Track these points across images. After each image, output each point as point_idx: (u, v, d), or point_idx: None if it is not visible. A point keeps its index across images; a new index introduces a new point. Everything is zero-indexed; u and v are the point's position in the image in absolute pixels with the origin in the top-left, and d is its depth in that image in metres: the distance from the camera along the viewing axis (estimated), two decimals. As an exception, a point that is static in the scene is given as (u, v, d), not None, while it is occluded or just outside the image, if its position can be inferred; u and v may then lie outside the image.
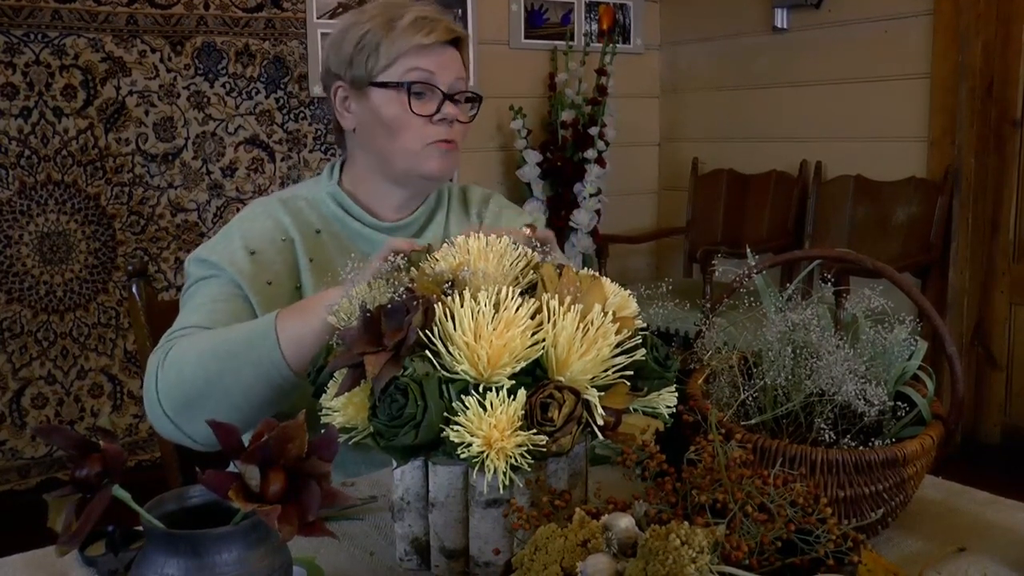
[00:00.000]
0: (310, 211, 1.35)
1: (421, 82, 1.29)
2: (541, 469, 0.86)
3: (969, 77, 3.27)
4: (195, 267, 1.28)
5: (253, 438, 0.69)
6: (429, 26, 1.29)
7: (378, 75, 1.30)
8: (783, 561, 0.74)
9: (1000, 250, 3.36)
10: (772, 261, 1.11)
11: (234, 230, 1.30)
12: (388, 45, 1.28)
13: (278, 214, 1.33)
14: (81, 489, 0.71)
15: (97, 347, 3.19)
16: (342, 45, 1.32)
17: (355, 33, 1.31)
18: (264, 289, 1.25)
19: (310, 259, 1.30)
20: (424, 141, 1.31)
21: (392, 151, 1.32)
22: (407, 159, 1.32)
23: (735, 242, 3.72)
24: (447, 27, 1.31)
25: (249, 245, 1.27)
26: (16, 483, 3.07)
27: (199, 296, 1.24)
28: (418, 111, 1.29)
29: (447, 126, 1.31)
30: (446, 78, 1.31)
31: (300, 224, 1.32)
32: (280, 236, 1.30)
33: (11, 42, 2.94)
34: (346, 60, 1.32)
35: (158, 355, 1.17)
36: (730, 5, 4.04)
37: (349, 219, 1.35)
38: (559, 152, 3.82)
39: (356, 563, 0.95)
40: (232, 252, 1.26)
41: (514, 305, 0.84)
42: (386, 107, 1.30)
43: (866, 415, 0.94)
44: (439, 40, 1.29)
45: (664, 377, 0.90)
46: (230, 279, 1.24)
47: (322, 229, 1.34)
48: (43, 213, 3.06)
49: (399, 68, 1.29)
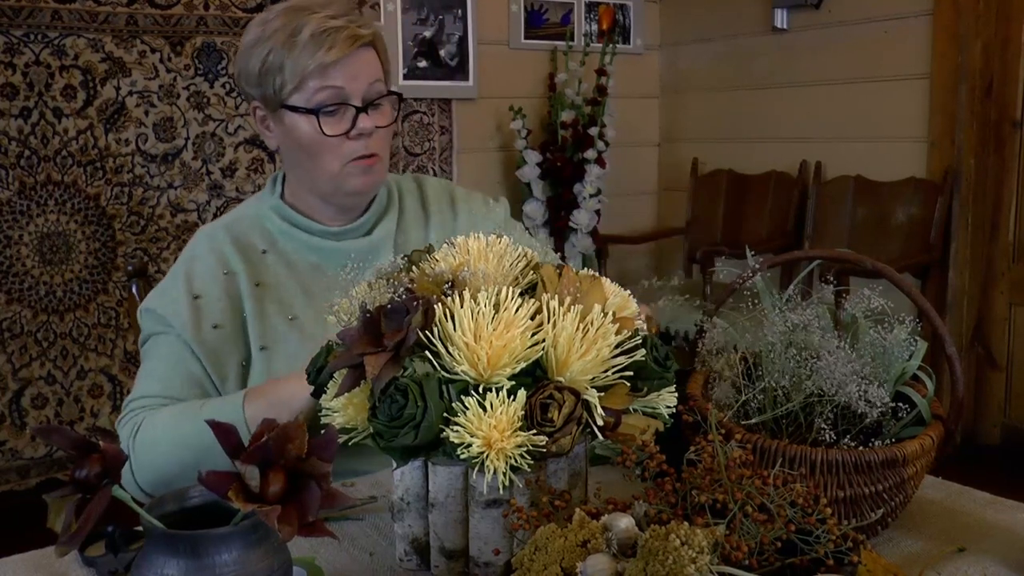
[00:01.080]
0: (254, 231, 1.33)
1: (331, 103, 1.24)
2: (541, 469, 0.86)
3: (969, 77, 3.27)
4: (146, 319, 1.28)
5: (253, 438, 0.69)
6: (330, 39, 1.21)
7: (287, 98, 1.25)
8: (783, 561, 0.74)
9: (1000, 251, 3.36)
10: (772, 262, 1.11)
11: (179, 274, 1.29)
12: (292, 65, 1.22)
13: (221, 246, 1.30)
14: (81, 489, 0.71)
15: (97, 347, 3.19)
16: (248, 64, 1.27)
17: (259, 53, 1.25)
18: (208, 336, 1.24)
19: (256, 284, 1.28)
20: (343, 161, 1.27)
21: (313, 172, 1.29)
22: (329, 180, 1.29)
23: (735, 242, 3.72)
24: (350, 35, 1.23)
25: (193, 289, 1.26)
26: (16, 483, 3.07)
27: (154, 357, 1.25)
28: (332, 132, 1.25)
29: (366, 139, 1.26)
30: (358, 88, 1.25)
31: (243, 250, 1.30)
32: (223, 270, 1.28)
33: (11, 42, 2.94)
34: (255, 81, 1.27)
35: (125, 429, 1.19)
36: (730, 5, 4.04)
37: (296, 231, 1.33)
38: (559, 152, 3.82)
39: (356, 563, 0.95)
40: (176, 302, 1.25)
41: (514, 306, 0.84)
42: (300, 130, 1.26)
43: (866, 416, 0.94)
44: (343, 53, 1.22)
45: (664, 377, 0.90)
46: (176, 336, 1.24)
47: (268, 248, 1.32)
48: (43, 213, 3.06)
49: (306, 90, 1.23)
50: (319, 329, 1.23)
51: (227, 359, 1.25)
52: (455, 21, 3.77)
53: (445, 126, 3.86)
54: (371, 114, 1.27)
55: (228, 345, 1.25)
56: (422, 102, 3.79)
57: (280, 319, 1.27)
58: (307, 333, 1.26)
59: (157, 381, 1.23)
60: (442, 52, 3.76)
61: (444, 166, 3.88)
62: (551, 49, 4.01)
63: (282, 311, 1.28)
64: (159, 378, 1.23)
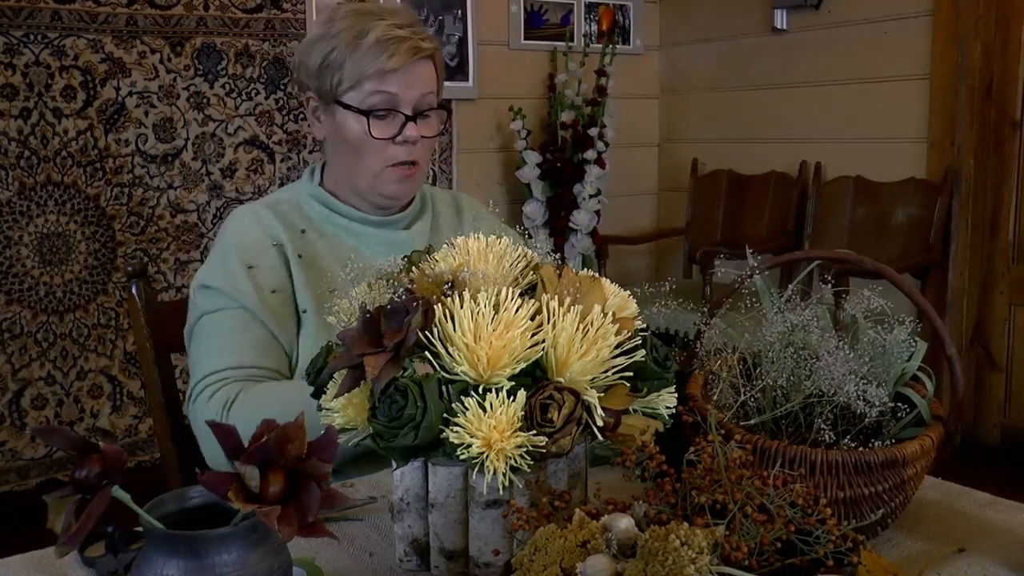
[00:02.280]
0: (293, 212, 1.37)
1: (383, 108, 1.30)
2: (541, 470, 0.86)
3: (969, 78, 3.28)
4: (201, 297, 1.30)
5: (253, 439, 0.69)
6: (393, 48, 1.27)
7: (342, 95, 1.31)
8: (783, 562, 0.74)
9: (1000, 251, 3.36)
10: (772, 262, 1.11)
11: (229, 248, 1.32)
12: (352, 66, 1.28)
13: (265, 219, 1.34)
14: (81, 490, 0.71)
15: (97, 348, 3.19)
16: (310, 57, 1.33)
17: (322, 48, 1.31)
18: (270, 300, 1.27)
19: (299, 255, 1.32)
20: (385, 163, 1.32)
21: (355, 168, 1.34)
22: (367, 178, 1.34)
23: (734, 243, 3.72)
24: (412, 47, 1.29)
25: (246, 260, 1.29)
26: (16, 484, 3.07)
27: (216, 334, 1.27)
28: (379, 135, 1.30)
29: (410, 146, 1.32)
30: (411, 97, 1.31)
31: (286, 226, 1.34)
32: (271, 241, 1.32)
33: (11, 43, 2.94)
34: (313, 73, 1.33)
35: (213, 404, 1.19)
36: (730, 6, 4.04)
37: (335, 216, 1.37)
38: (559, 153, 3.82)
39: (356, 564, 0.95)
40: (232, 275, 1.28)
41: (514, 306, 0.84)
42: (349, 127, 1.31)
43: (866, 416, 0.94)
44: (403, 63, 1.28)
45: (663, 378, 0.90)
46: (237, 308, 1.27)
47: (307, 228, 1.36)
48: (43, 214, 3.06)
49: (362, 91, 1.29)
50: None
51: (288, 321, 1.29)
52: (455, 21, 3.77)
53: (445, 126, 3.86)
54: (419, 124, 1.32)
55: (287, 308, 1.29)
56: (422, 102, 3.78)
57: (324, 289, 1.30)
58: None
59: (228, 354, 1.24)
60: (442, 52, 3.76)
61: (444, 167, 3.88)
62: (551, 50, 4.01)
63: (323, 284, 1.30)
64: (229, 351, 1.25)
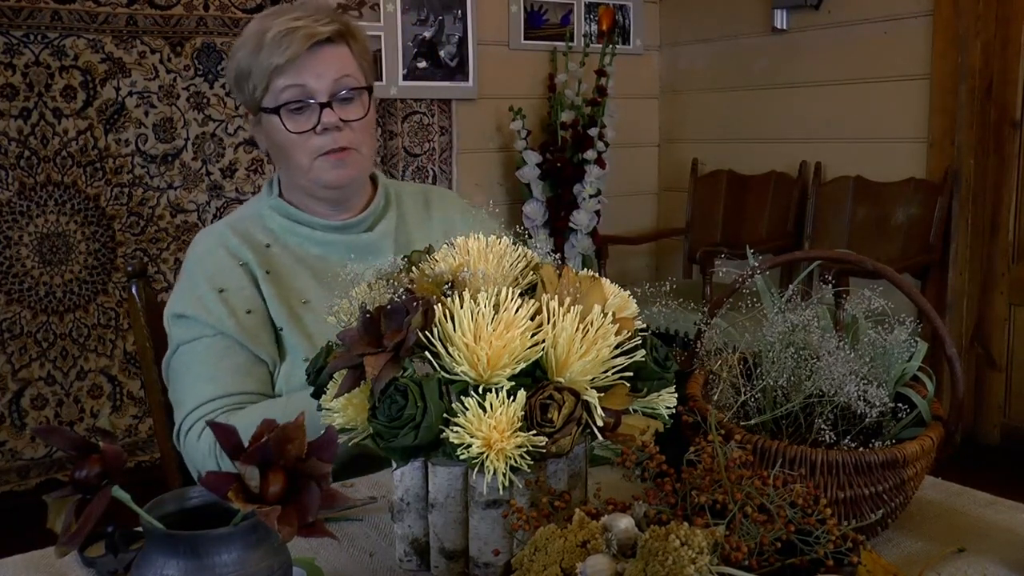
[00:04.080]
0: (256, 228, 1.35)
1: (295, 101, 1.27)
2: (541, 470, 0.86)
3: (969, 78, 3.27)
4: (176, 327, 1.28)
5: (253, 439, 0.69)
6: (288, 40, 1.25)
7: (260, 100, 1.29)
8: (783, 562, 0.74)
9: (999, 251, 3.36)
10: (772, 262, 1.11)
11: (196, 274, 1.30)
12: (258, 69, 1.27)
13: (228, 240, 1.33)
14: (81, 490, 0.71)
15: (97, 348, 3.19)
16: (230, 73, 1.33)
17: (235, 60, 1.30)
18: (246, 321, 1.26)
19: (266, 271, 1.31)
20: (313, 156, 1.29)
21: (291, 169, 1.33)
22: (303, 176, 1.32)
23: (735, 243, 3.72)
24: (307, 34, 1.25)
25: (215, 285, 1.28)
26: (16, 484, 3.07)
27: (196, 364, 1.25)
28: (296, 129, 1.28)
29: (333, 133, 1.28)
30: (323, 85, 1.27)
31: (249, 243, 1.33)
32: (237, 261, 1.31)
33: (11, 43, 2.94)
34: (235, 87, 1.33)
35: (203, 443, 1.19)
36: (730, 6, 4.04)
37: (298, 226, 1.35)
38: (559, 153, 3.82)
39: (356, 564, 0.95)
40: (205, 301, 1.26)
41: (514, 306, 0.84)
42: (274, 130, 1.30)
43: (866, 416, 0.94)
44: (298, 52, 1.25)
45: (663, 378, 0.90)
46: (214, 334, 1.25)
47: (271, 243, 1.34)
48: (43, 214, 3.06)
49: (275, 91, 1.28)
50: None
51: (267, 340, 1.27)
52: (455, 22, 3.77)
53: (445, 127, 3.86)
54: (339, 108, 1.29)
55: (264, 327, 1.28)
56: (422, 103, 3.79)
57: (295, 302, 1.30)
58: (320, 315, 1.29)
59: (209, 383, 1.23)
60: (442, 53, 3.77)
61: (444, 167, 3.88)
62: (551, 50, 4.01)
63: (294, 295, 1.30)
64: (211, 380, 1.23)
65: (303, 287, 1.31)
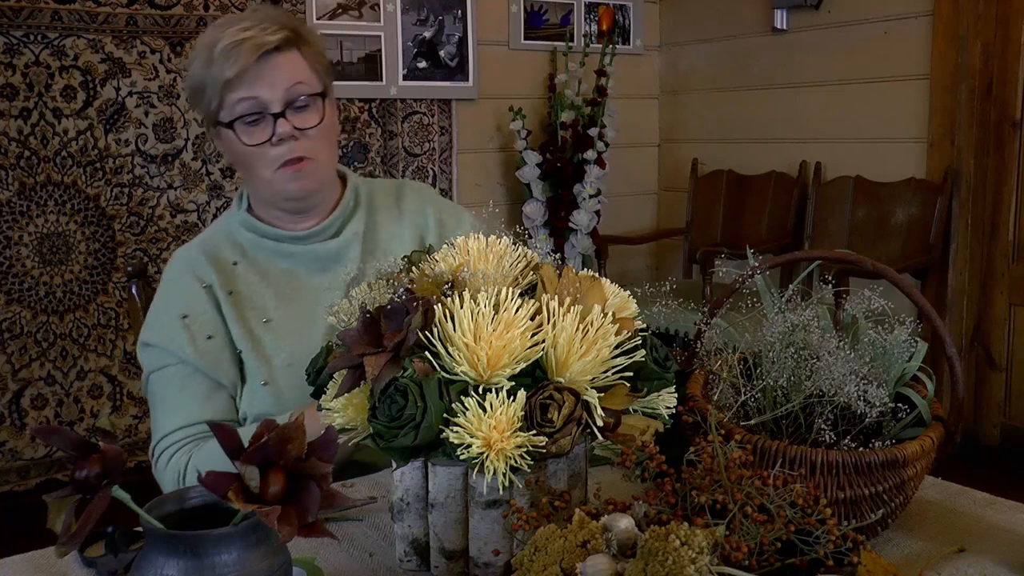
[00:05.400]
0: (225, 246, 1.35)
1: (250, 113, 1.25)
2: (541, 470, 0.86)
3: (968, 78, 3.27)
4: (144, 356, 1.30)
5: (253, 439, 0.69)
6: (236, 52, 1.22)
7: (216, 114, 1.27)
8: (783, 562, 0.74)
9: (999, 251, 3.36)
10: (772, 262, 1.11)
11: (164, 299, 1.32)
12: (211, 83, 1.25)
13: (195, 262, 1.33)
14: (81, 490, 0.71)
15: (97, 348, 3.19)
16: (187, 91, 1.32)
17: (189, 78, 1.29)
18: (207, 348, 1.27)
19: (229, 292, 1.30)
20: (273, 167, 1.27)
21: (253, 182, 1.32)
22: (266, 188, 1.31)
23: (735, 243, 3.72)
24: (255, 45, 1.23)
25: (180, 310, 1.29)
26: (16, 484, 3.07)
27: (165, 393, 1.28)
28: (252, 141, 1.26)
29: (290, 143, 1.26)
30: (276, 94, 1.25)
31: (215, 263, 1.33)
32: (200, 285, 1.31)
33: (11, 43, 2.94)
34: (193, 104, 1.32)
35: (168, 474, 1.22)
36: (730, 6, 4.04)
37: (265, 240, 1.35)
38: (559, 153, 3.82)
39: (356, 564, 0.95)
40: (168, 330, 1.28)
41: (514, 306, 0.84)
42: (233, 144, 1.28)
43: (866, 416, 0.94)
44: (247, 64, 1.22)
45: (663, 378, 0.90)
46: (178, 363, 1.27)
47: (239, 260, 1.34)
48: (43, 214, 3.06)
49: (228, 105, 1.25)
50: (293, 329, 1.29)
51: (229, 365, 1.28)
52: (455, 22, 3.77)
53: (445, 127, 3.86)
54: (294, 117, 1.26)
55: (224, 351, 1.28)
56: (422, 102, 3.79)
57: (256, 323, 1.30)
58: (282, 333, 1.30)
59: (176, 413, 1.25)
60: (442, 53, 3.77)
61: (444, 167, 3.88)
62: (551, 50, 4.01)
63: (256, 315, 1.30)
64: (176, 410, 1.26)
65: (266, 306, 1.31)
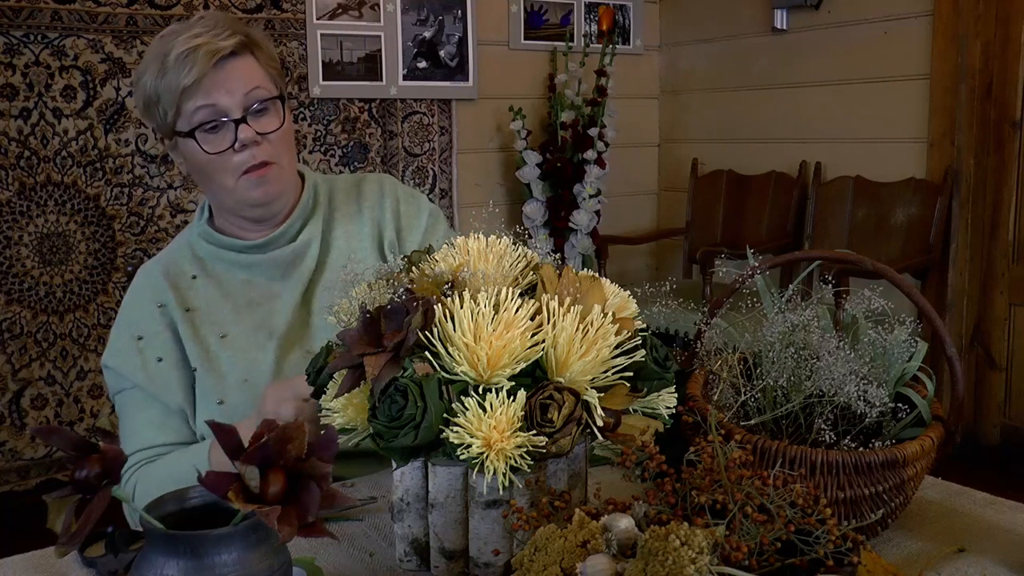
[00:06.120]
0: (185, 260, 1.35)
1: (209, 121, 1.23)
2: (541, 470, 0.86)
3: (968, 78, 3.27)
4: (106, 377, 1.32)
5: (252, 439, 0.69)
6: (191, 59, 1.20)
7: (173, 124, 1.25)
8: (783, 562, 0.74)
9: (999, 251, 3.36)
10: (772, 262, 1.11)
11: (122, 319, 1.33)
12: (166, 93, 1.22)
13: (153, 281, 1.33)
14: (81, 490, 0.71)
15: (97, 348, 3.19)
16: (138, 101, 1.28)
17: (140, 88, 1.26)
18: (157, 371, 1.27)
19: (186, 309, 1.30)
20: (236, 175, 1.25)
21: (215, 191, 1.30)
22: (229, 197, 1.29)
23: (735, 243, 3.72)
24: (209, 51, 1.21)
25: (135, 331, 1.29)
26: (16, 484, 3.07)
27: (124, 416, 1.30)
28: (213, 149, 1.24)
29: (252, 149, 1.24)
30: (234, 100, 1.23)
31: (173, 280, 1.32)
32: (156, 304, 1.31)
33: (11, 43, 2.94)
34: (145, 115, 1.29)
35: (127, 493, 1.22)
36: (730, 6, 4.04)
37: (224, 252, 1.34)
38: (559, 153, 3.82)
39: (356, 564, 0.95)
40: (123, 352, 1.29)
41: (514, 306, 0.84)
42: (192, 153, 1.26)
43: (866, 416, 0.94)
44: (204, 71, 1.20)
45: (664, 378, 0.90)
46: (132, 387, 1.28)
47: (198, 274, 1.33)
48: (43, 214, 3.06)
49: (186, 114, 1.23)
50: (252, 342, 1.29)
51: (175, 387, 1.27)
52: (455, 22, 3.77)
53: (445, 127, 3.86)
54: (254, 122, 1.25)
55: (174, 373, 1.27)
56: (422, 102, 3.79)
57: (213, 339, 1.29)
58: (239, 348, 1.29)
59: (132, 438, 1.27)
60: (442, 53, 3.77)
61: (444, 166, 3.88)
62: (551, 50, 4.01)
63: (213, 331, 1.30)
64: (131, 434, 1.27)
65: (223, 320, 1.30)
